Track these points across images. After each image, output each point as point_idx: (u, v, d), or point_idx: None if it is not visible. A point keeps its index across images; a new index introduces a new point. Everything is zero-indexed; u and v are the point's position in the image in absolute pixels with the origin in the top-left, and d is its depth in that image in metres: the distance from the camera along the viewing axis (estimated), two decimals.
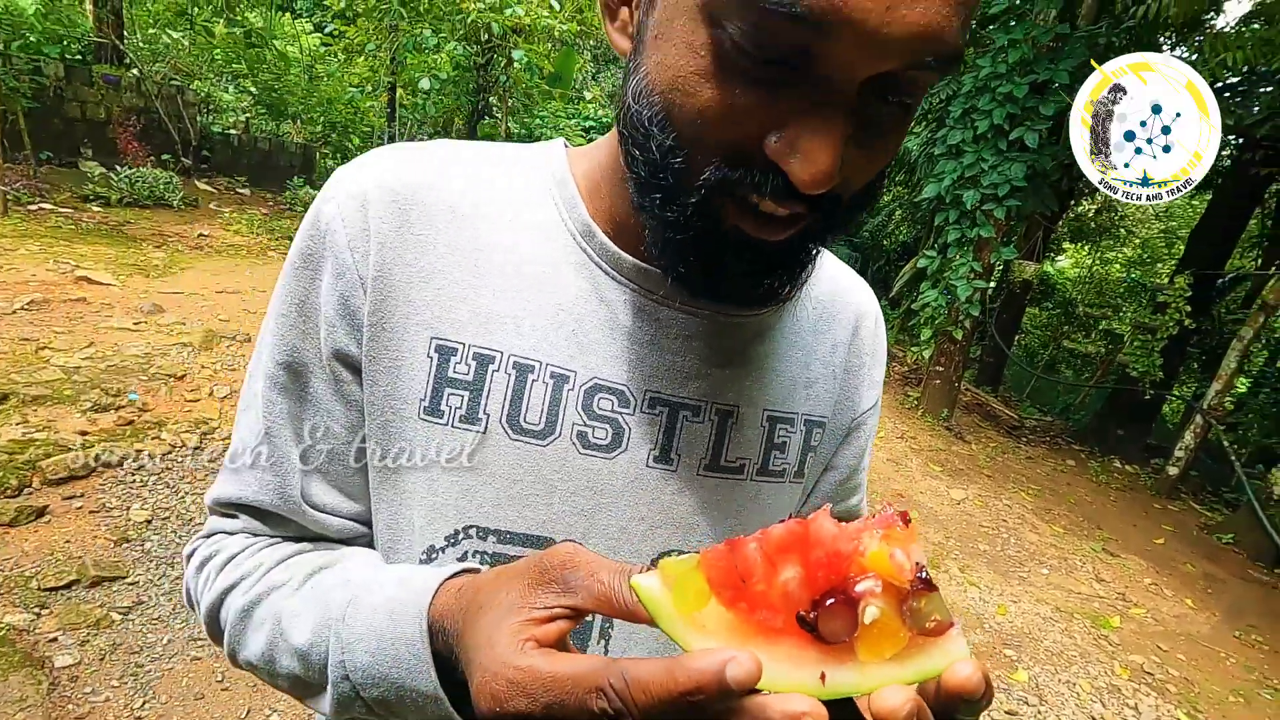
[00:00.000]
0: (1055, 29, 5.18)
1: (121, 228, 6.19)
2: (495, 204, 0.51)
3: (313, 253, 0.50)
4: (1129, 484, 6.26)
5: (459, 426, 0.49)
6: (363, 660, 0.41)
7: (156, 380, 3.47)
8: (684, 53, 0.36)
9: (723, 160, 0.37)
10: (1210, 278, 6.89)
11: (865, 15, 0.31)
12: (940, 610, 0.29)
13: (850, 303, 0.60)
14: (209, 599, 0.50)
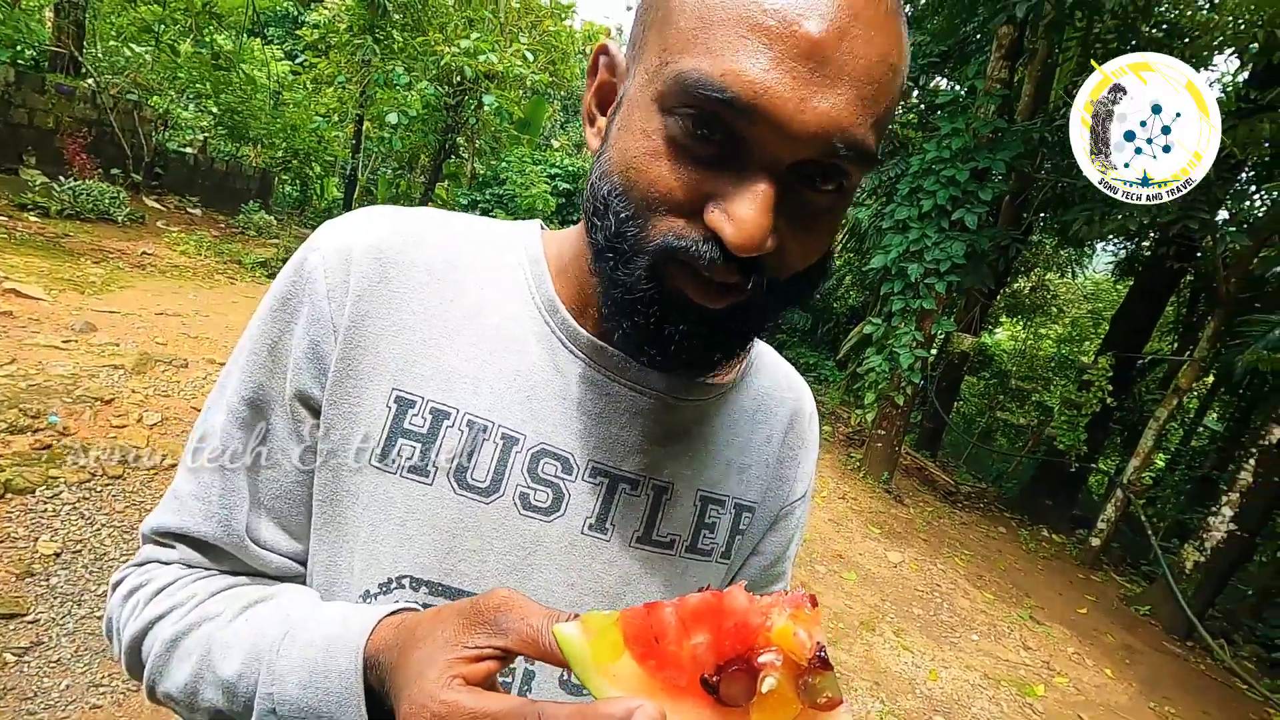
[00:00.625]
0: (994, 123, 5.58)
1: (59, 240, 5.95)
2: (471, 272, 0.54)
3: (291, 297, 0.52)
4: (1056, 553, 6.49)
5: (407, 476, 0.50)
6: (293, 692, 0.42)
7: (81, 403, 3.30)
8: (639, 138, 0.41)
9: (670, 228, 0.42)
10: (1131, 359, 7.36)
11: (782, 105, 0.36)
12: (833, 688, 0.32)
13: (788, 398, 0.64)
14: (134, 628, 0.50)
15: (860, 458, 6.81)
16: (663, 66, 0.40)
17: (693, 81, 0.37)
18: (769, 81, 0.36)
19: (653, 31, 0.42)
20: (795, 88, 0.36)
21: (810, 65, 0.36)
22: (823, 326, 12.93)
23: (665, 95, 0.39)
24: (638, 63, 0.43)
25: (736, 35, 0.37)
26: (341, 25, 13.13)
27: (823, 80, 0.37)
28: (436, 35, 11.80)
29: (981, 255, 6.05)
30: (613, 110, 0.46)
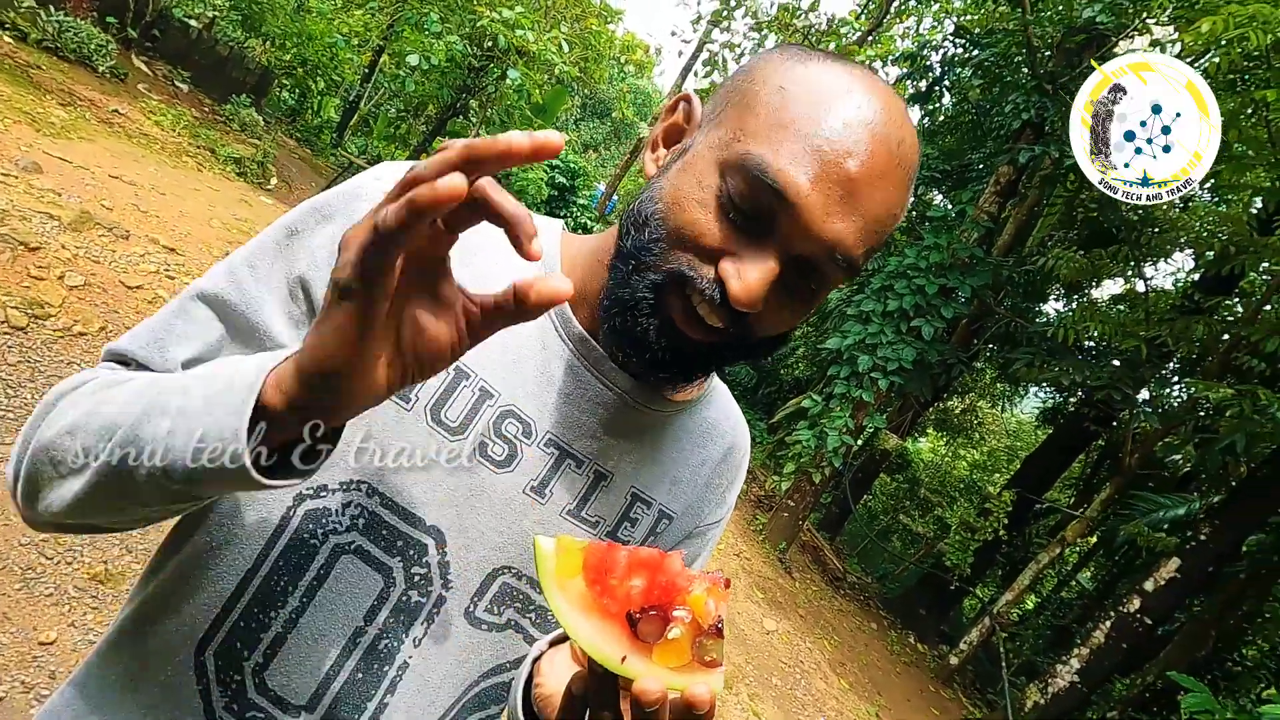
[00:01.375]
0: (973, 250, 5.90)
1: (28, 69, 5.60)
2: (493, 247, 0.59)
3: (332, 205, 0.56)
4: (916, 660, 6.75)
5: (397, 403, 0.55)
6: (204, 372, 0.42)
7: (4, 242, 3.11)
8: (694, 185, 0.50)
9: (687, 261, 0.49)
10: (1030, 501, 7.79)
11: (811, 211, 0.47)
12: (718, 652, 0.40)
13: (729, 431, 0.71)
14: (46, 399, 0.51)
15: (765, 522, 6.96)
16: (734, 141, 0.49)
17: (756, 165, 0.47)
18: (809, 192, 0.46)
19: (732, 109, 0.51)
20: (826, 205, 0.46)
21: (841, 193, 0.47)
22: (765, 388, 13.22)
23: (729, 163, 0.48)
24: (713, 126, 0.52)
25: (799, 147, 0.46)
26: None
27: (846, 208, 0.47)
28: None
29: (927, 366, 6.34)
30: (676, 151, 0.54)
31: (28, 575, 1.90)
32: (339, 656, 0.55)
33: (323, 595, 0.55)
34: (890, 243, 8.02)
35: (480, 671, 0.61)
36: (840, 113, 0.47)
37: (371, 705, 0.56)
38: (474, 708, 0.63)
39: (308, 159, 11.47)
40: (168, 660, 0.55)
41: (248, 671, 0.55)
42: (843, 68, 0.50)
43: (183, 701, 0.55)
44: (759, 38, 14.08)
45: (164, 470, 0.40)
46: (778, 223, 0.47)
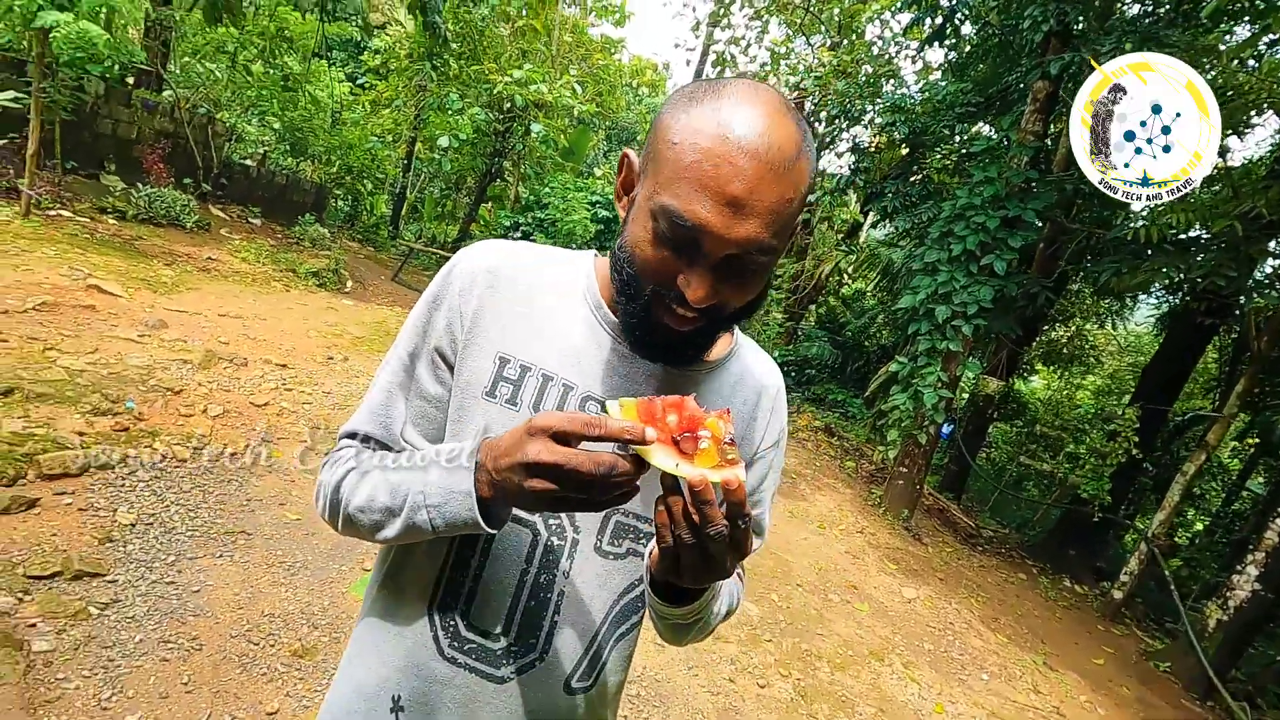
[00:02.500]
0: (1026, 174, 5.71)
1: (134, 242, 6.40)
2: (545, 284, 0.82)
3: (440, 295, 0.80)
4: (1076, 603, 6.43)
5: (504, 406, 0.77)
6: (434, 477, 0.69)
7: (154, 392, 3.61)
8: (641, 230, 0.68)
9: (655, 284, 0.68)
10: (1163, 413, 7.30)
11: (717, 230, 0.62)
12: (735, 454, 0.59)
13: (759, 375, 0.89)
14: (339, 473, 0.77)
15: (881, 494, 6.86)
16: (654, 194, 0.65)
17: (672, 212, 0.63)
18: (710, 218, 0.62)
19: (650, 165, 0.67)
20: (725, 221, 0.62)
21: (734, 209, 0.61)
22: (852, 364, 12.95)
23: (655, 212, 0.65)
24: (644, 178, 0.69)
25: (694, 189, 0.62)
26: (402, 51, 13.80)
27: (742, 216, 0.62)
28: (491, 65, 12.32)
29: (1010, 301, 6.13)
30: (630, 199, 0.73)
31: (243, 660, 2.23)
32: (515, 593, 0.78)
33: (494, 553, 0.78)
34: (940, 189, 7.82)
35: (618, 591, 0.82)
36: (715, 149, 0.61)
37: (545, 623, 0.79)
38: (620, 620, 0.84)
39: (372, 255, 12.32)
40: (411, 622, 0.80)
41: (457, 616, 0.78)
42: (714, 104, 0.63)
43: (422, 647, 0.79)
44: (761, 25, 14.11)
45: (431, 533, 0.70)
46: (700, 241, 0.63)
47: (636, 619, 0.86)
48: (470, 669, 0.77)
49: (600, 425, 0.58)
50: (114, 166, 8.01)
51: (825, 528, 5.74)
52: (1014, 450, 12.34)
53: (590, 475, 0.57)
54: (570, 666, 0.80)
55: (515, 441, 0.62)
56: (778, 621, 3.87)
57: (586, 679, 0.82)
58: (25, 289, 4.25)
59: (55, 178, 6.74)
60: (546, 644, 0.78)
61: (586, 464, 0.58)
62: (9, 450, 2.67)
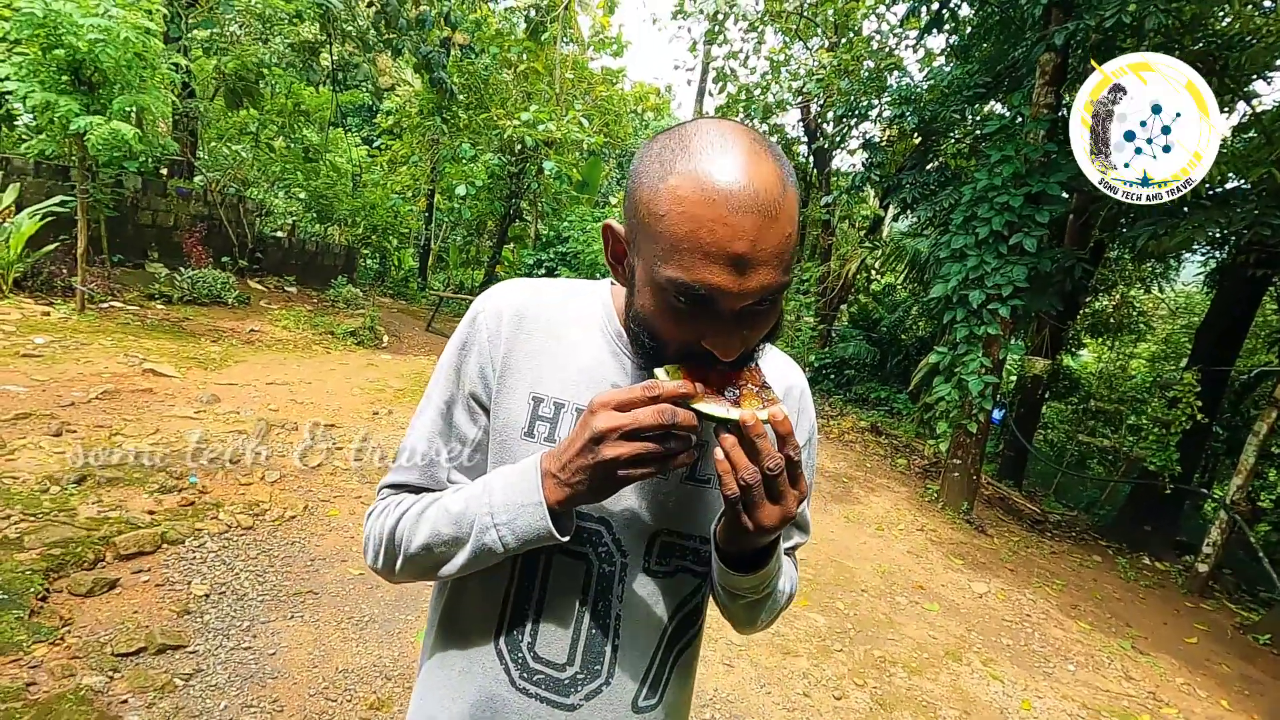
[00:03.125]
0: (1044, 147, 5.62)
1: (181, 324, 6.69)
2: (569, 319, 0.84)
3: (467, 342, 0.83)
4: (1159, 582, 6.15)
5: (544, 443, 0.79)
6: (499, 497, 0.71)
7: (214, 465, 3.75)
8: (651, 303, 0.69)
9: (679, 349, 0.70)
10: (1224, 373, 7.00)
11: (729, 290, 0.63)
12: (773, 394, 0.67)
13: (784, 377, 0.92)
14: (391, 519, 0.79)
15: (937, 489, 6.70)
16: (655, 267, 0.65)
17: (679, 284, 0.63)
18: (721, 280, 0.62)
19: (643, 237, 0.66)
20: (736, 278, 0.62)
21: (742, 265, 0.62)
22: (892, 359, 12.74)
23: (661, 285, 0.65)
24: (636, 250, 0.69)
25: (697, 257, 0.61)
26: (413, 109, 14.28)
27: (751, 270, 0.62)
28: (498, 111, 12.67)
29: (1046, 278, 5.99)
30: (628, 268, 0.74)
31: (323, 717, 2.28)
32: (575, 622, 0.80)
33: (552, 586, 0.80)
34: (958, 174, 7.72)
35: (671, 608, 0.84)
36: (707, 215, 0.60)
37: (608, 649, 0.81)
38: (677, 635, 0.86)
39: (404, 309, 12.63)
40: (479, 658, 0.82)
41: (524, 648, 0.80)
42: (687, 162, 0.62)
43: (495, 680, 0.81)
44: (757, 36, 14.23)
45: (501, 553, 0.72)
46: (715, 302, 0.63)
47: (693, 633, 0.89)
48: (541, 699, 0.80)
49: (656, 387, 0.63)
50: (157, 254, 8.43)
51: (884, 529, 5.62)
52: (1071, 429, 11.95)
53: (657, 425, 0.62)
54: (635, 686, 0.82)
55: (580, 428, 0.66)
56: (846, 630, 3.79)
57: (652, 697, 0.84)
58: (88, 380, 4.48)
59: (105, 272, 7.11)
60: (611, 668, 0.81)
61: (652, 416, 0.62)
62: (87, 535, 2.80)
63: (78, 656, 2.23)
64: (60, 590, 2.53)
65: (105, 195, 6.84)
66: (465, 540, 0.72)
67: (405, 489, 0.84)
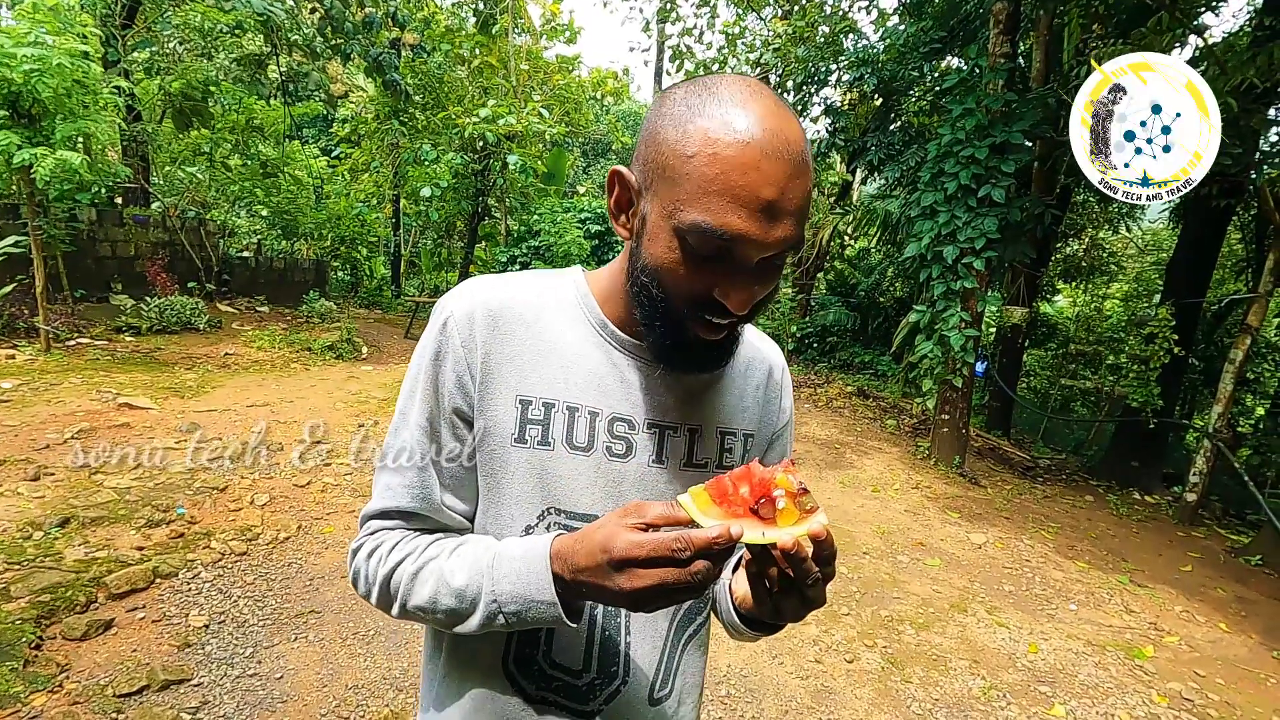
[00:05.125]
0: (1004, 96, 5.63)
1: (153, 354, 6.55)
2: (547, 313, 0.80)
3: (440, 350, 0.77)
4: (1150, 515, 6.27)
5: (537, 448, 0.76)
6: (506, 588, 0.67)
7: (201, 494, 3.68)
8: (665, 251, 0.66)
9: (690, 304, 0.67)
10: (1197, 305, 7.11)
11: (756, 238, 0.61)
12: (812, 501, 0.59)
13: (766, 357, 0.91)
14: (384, 571, 0.75)
15: (928, 446, 6.76)
16: (677, 211, 0.63)
17: (705, 228, 0.61)
18: (748, 227, 0.60)
19: (664, 181, 0.64)
20: (762, 227, 0.61)
21: (768, 213, 0.60)
22: (872, 323, 12.81)
23: (682, 230, 0.63)
24: (652, 196, 0.66)
25: (725, 200, 0.60)
26: (369, 115, 14.03)
27: (777, 219, 0.61)
28: (456, 109, 12.47)
29: (1017, 227, 6.03)
30: (637, 217, 0.70)
31: None
32: (588, 630, 0.78)
33: None
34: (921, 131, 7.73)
35: None
36: (740, 158, 0.59)
37: (622, 647, 0.79)
38: (685, 624, 0.85)
39: (381, 318, 12.48)
40: (490, 680, 0.79)
41: (540, 659, 0.78)
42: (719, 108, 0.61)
43: (505, 705, 0.78)
44: (710, 10, 14.10)
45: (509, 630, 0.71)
46: (736, 252, 0.62)
47: (702, 619, 0.88)
48: (561, 708, 0.78)
49: (687, 542, 0.56)
50: (121, 285, 8.23)
51: (879, 490, 5.67)
52: (1053, 374, 12.13)
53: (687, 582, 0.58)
54: (650, 679, 0.81)
55: (591, 542, 0.61)
56: (851, 594, 3.83)
57: (665, 686, 0.84)
58: (61, 420, 4.37)
59: (68, 308, 6.93)
60: (626, 667, 0.79)
61: (677, 577, 0.57)
62: (76, 578, 2.74)
63: (79, 702, 2.18)
64: (54, 636, 2.47)
65: (60, 230, 6.65)
66: (468, 616, 0.70)
67: (395, 516, 0.79)
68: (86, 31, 5.56)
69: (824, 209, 14.15)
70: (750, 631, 0.80)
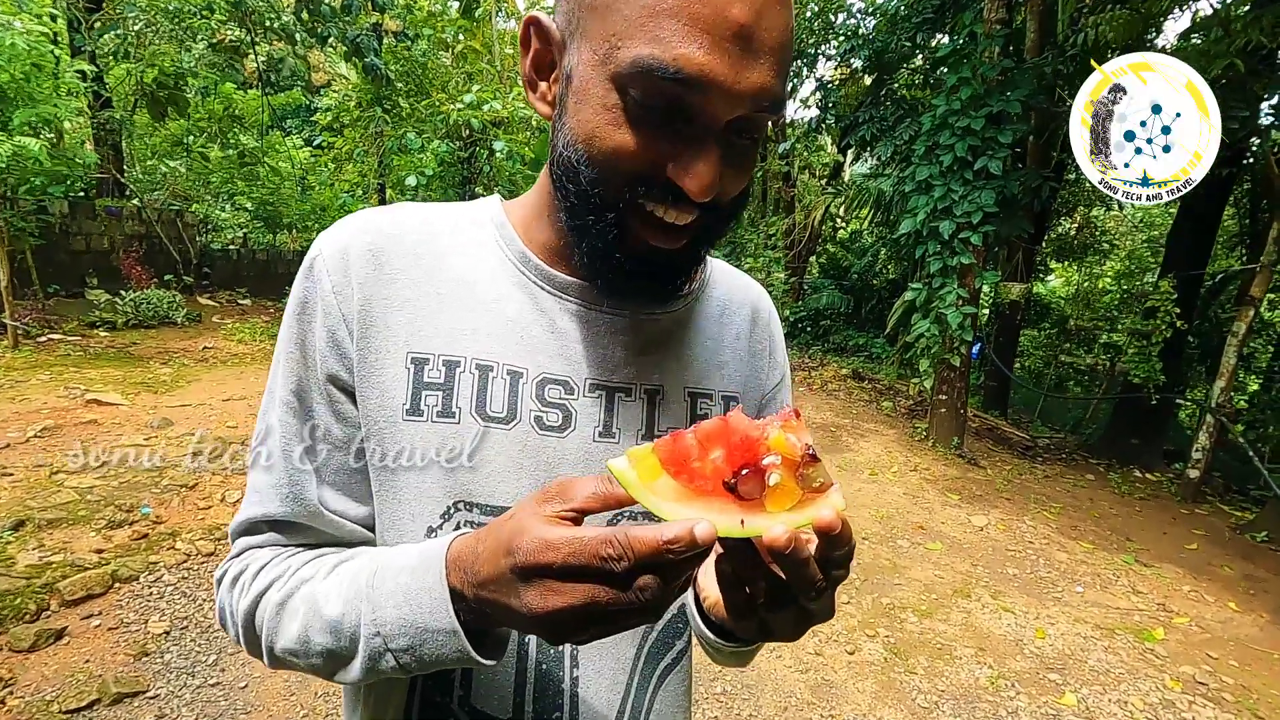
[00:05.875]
0: (1000, 64, 5.45)
1: (128, 349, 6.35)
2: (450, 247, 0.61)
3: (307, 300, 0.58)
4: (1152, 492, 6.16)
5: (438, 421, 0.57)
6: (391, 614, 0.48)
7: (169, 492, 3.51)
8: (600, 110, 0.48)
9: (633, 185, 0.49)
10: (1196, 279, 6.98)
11: (723, 79, 0.44)
12: (823, 475, 0.40)
13: (746, 298, 0.71)
14: (246, 603, 0.56)
15: (926, 427, 6.63)
16: (614, 50, 0.46)
17: (650, 65, 0.44)
18: (711, 63, 0.44)
19: (591, 17, 0.47)
20: (732, 66, 0.44)
21: (740, 44, 0.44)
22: (866, 305, 12.68)
23: (621, 75, 0.45)
24: (581, 40, 0.49)
25: (680, 24, 0.43)
26: (351, 103, 13.72)
27: (751, 56, 0.45)
28: (440, 95, 12.21)
29: (1014, 200, 5.87)
30: (560, 81, 0.52)
31: None
32: (518, 660, 0.58)
33: None
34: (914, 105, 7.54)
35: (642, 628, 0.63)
36: None
37: (565, 685, 0.59)
38: (655, 656, 0.65)
39: None
40: None
41: (455, 706, 0.58)
42: None
43: None
44: None
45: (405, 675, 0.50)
46: (696, 105, 0.45)
47: (681, 645, 0.68)
48: None
49: (624, 547, 0.37)
50: (95, 280, 8.01)
51: (877, 473, 5.54)
52: (1048, 353, 12.02)
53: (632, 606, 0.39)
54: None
55: (493, 538, 0.44)
56: (851, 581, 3.69)
57: None
58: (25, 418, 4.19)
59: (38, 304, 6.72)
60: (574, 712, 0.60)
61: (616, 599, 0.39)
62: (26, 585, 2.57)
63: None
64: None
65: (28, 223, 6.42)
66: (349, 658, 0.50)
67: (266, 527, 0.59)
68: (44, 12, 5.32)
69: (815, 190, 13.98)
70: (728, 647, 0.60)
